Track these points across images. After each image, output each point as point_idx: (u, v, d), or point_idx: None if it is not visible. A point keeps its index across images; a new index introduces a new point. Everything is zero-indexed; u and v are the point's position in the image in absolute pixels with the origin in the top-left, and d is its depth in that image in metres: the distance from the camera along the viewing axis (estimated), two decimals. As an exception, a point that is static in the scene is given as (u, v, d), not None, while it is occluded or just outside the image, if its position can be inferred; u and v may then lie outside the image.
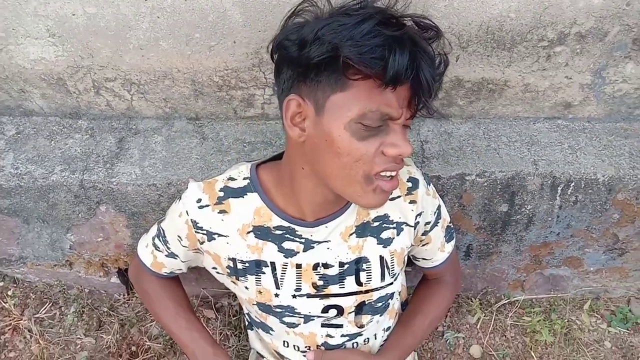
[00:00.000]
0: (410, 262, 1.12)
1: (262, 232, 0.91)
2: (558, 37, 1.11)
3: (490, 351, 1.53)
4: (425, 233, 1.01)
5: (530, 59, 1.16)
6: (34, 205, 1.31)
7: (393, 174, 0.78)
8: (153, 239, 1.03)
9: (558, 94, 1.24)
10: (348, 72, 0.71)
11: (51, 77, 1.23)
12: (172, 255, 1.01)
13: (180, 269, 1.05)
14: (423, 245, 1.04)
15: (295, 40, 0.74)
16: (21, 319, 1.57)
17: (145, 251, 1.05)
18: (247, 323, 1.15)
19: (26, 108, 1.33)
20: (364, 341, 1.04)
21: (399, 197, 0.94)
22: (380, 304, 0.99)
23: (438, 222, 1.02)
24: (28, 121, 1.35)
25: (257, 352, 1.15)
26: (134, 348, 1.52)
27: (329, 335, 1.00)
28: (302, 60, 0.73)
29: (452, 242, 1.09)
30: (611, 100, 1.25)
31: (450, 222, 1.07)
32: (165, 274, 1.07)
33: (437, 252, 1.07)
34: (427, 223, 1.00)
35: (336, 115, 0.73)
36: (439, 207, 1.02)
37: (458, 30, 1.09)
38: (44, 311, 1.59)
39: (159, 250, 1.02)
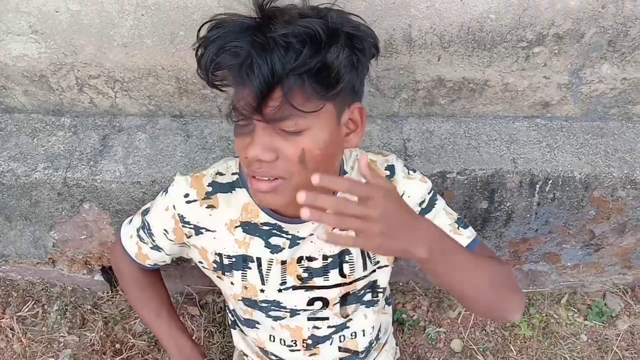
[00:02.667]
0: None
1: (249, 227, 0.92)
2: (537, 38, 1.14)
3: (471, 345, 1.56)
4: (420, 214, 0.94)
5: (509, 59, 1.18)
6: (16, 203, 1.30)
7: (262, 177, 0.76)
8: (137, 230, 1.03)
9: (537, 93, 1.26)
10: None
11: (34, 73, 1.22)
12: (156, 248, 1.01)
13: (164, 261, 1.06)
14: None
15: None
16: (3, 318, 1.55)
17: (130, 242, 1.05)
18: (230, 322, 1.16)
19: (8, 105, 1.32)
20: (351, 334, 1.05)
21: None
22: (363, 292, 1.00)
23: (434, 206, 0.95)
24: (10, 118, 1.34)
25: (241, 351, 1.16)
26: (118, 345, 1.52)
27: (315, 328, 1.02)
28: None
29: (470, 229, 0.97)
30: (588, 100, 1.29)
31: (459, 217, 0.98)
32: (149, 266, 1.07)
33: (452, 235, 0.92)
34: (421, 203, 0.94)
35: None
36: (431, 192, 0.96)
37: (440, 30, 1.11)
38: (26, 309, 1.58)
39: (144, 242, 1.02)
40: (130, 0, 1.06)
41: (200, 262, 0.99)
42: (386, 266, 1.01)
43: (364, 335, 1.06)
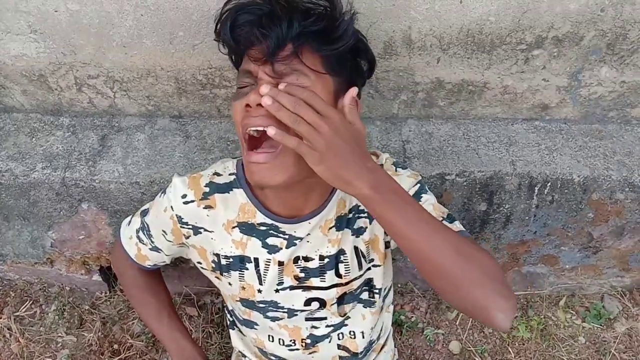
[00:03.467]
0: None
1: (247, 228, 0.92)
2: (536, 40, 1.14)
3: (469, 347, 1.56)
4: None
5: (509, 62, 1.18)
6: (14, 203, 1.30)
7: (255, 128, 0.75)
8: (137, 231, 1.03)
9: (536, 96, 1.27)
10: None
11: (32, 73, 1.22)
12: (155, 249, 1.01)
13: (164, 262, 1.06)
14: None
15: None
16: (0, 318, 1.55)
17: (130, 243, 1.05)
18: (229, 322, 1.16)
19: (6, 104, 1.32)
20: (350, 333, 1.05)
21: None
22: (359, 290, 1.00)
23: (421, 197, 0.92)
24: (8, 117, 1.34)
25: (240, 352, 1.16)
26: (116, 346, 1.52)
27: (313, 327, 1.02)
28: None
29: (457, 223, 0.90)
30: (587, 103, 1.29)
31: (450, 213, 0.92)
32: (149, 267, 1.07)
33: None
34: None
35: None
36: (421, 184, 0.94)
37: (439, 32, 1.12)
38: (24, 309, 1.57)
39: (143, 244, 1.02)
40: (129, 0, 1.06)
41: (199, 262, 1.00)
42: (379, 266, 1.00)
43: (363, 337, 1.06)
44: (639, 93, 1.26)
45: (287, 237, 0.92)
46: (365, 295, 1.02)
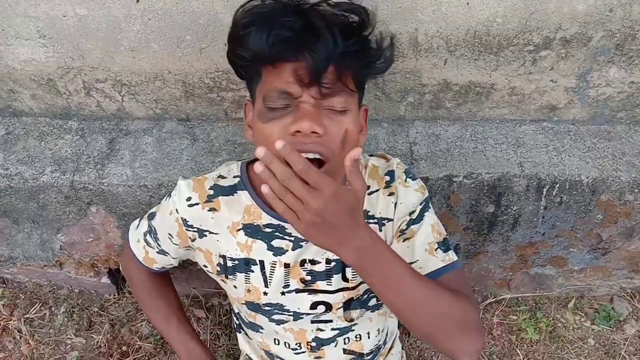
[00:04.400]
0: None
1: (252, 230, 0.92)
2: (544, 41, 1.13)
3: (477, 349, 1.55)
4: (408, 225, 0.92)
5: (516, 63, 1.18)
6: (24, 206, 1.31)
7: (307, 156, 0.75)
8: (144, 235, 1.04)
9: (544, 97, 1.26)
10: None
11: (41, 77, 1.23)
12: (162, 252, 1.02)
13: (172, 264, 1.07)
14: (403, 239, 0.91)
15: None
16: (10, 320, 1.56)
17: (137, 246, 1.06)
18: (235, 325, 1.17)
19: (16, 108, 1.33)
20: (356, 337, 1.05)
21: (377, 190, 0.94)
22: (366, 296, 1.00)
23: (424, 217, 0.92)
24: (18, 122, 1.35)
25: (247, 355, 1.16)
26: (124, 348, 1.53)
27: (319, 330, 1.01)
28: (232, 64, 0.85)
29: (451, 253, 0.92)
30: (595, 104, 1.28)
31: (445, 237, 0.94)
32: (157, 269, 1.08)
33: (424, 253, 0.90)
34: (411, 213, 0.92)
35: (256, 103, 0.80)
36: (427, 202, 0.94)
37: (446, 34, 1.11)
38: (33, 311, 1.59)
39: (150, 247, 1.03)
40: (137, 5, 1.07)
41: (205, 265, 1.00)
42: None
43: (369, 338, 1.06)
44: (648, 93, 1.26)
45: (292, 238, 0.92)
46: (373, 301, 1.01)
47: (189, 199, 0.92)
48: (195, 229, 0.93)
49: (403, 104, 1.27)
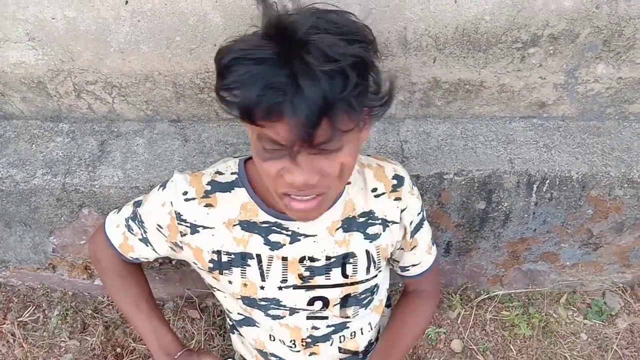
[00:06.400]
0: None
1: (248, 225, 0.92)
2: (532, 38, 1.14)
3: (471, 345, 1.56)
4: (412, 234, 1.01)
5: (505, 60, 1.19)
6: (15, 209, 1.31)
7: (302, 198, 0.75)
8: (127, 220, 1.01)
9: (533, 93, 1.27)
10: None
11: (31, 80, 1.23)
12: (145, 241, 0.99)
13: (148, 258, 1.04)
14: (412, 249, 1.03)
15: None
16: (4, 323, 1.56)
17: (116, 231, 1.02)
18: (229, 327, 1.16)
19: (6, 111, 1.33)
20: (350, 334, 1.05)
21: (383, 194, 0.95)
22: (364, 296, 1.00)
23: (423, 224, 1.02)
24: (8, 124, 1.34)
25: (241, 356, 1.16)
26: (118, 350, 1.53)
27: (314, 327, 1.02)
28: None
29: (435, 247, 1.08)
30: (584, 100, 1.29)
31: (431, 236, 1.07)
32: (131, 259, 1.04)
33: (425, 254, 1.06)
34: (412, 222, 0.99)
35: (251, 135, 0.76)
36: (422, 209, 1.01)
37: (435, 32, 1.12)
38: (27, 315, 1.58)
39: (132, 233, 1.00)
40: (126, 6, 1.07)
41: (194, 262, 0.99)
42: (382, 271, 1.03)
43: (362, 334, 1.07)
44: (636, 89, 1.27)
45: (290, 232, 0.92)
46: (368, 300, 1.02)
47: (185, 192, 0.92)
48: (188, 224, 0.93)
49: (393, 102, 1.27)
